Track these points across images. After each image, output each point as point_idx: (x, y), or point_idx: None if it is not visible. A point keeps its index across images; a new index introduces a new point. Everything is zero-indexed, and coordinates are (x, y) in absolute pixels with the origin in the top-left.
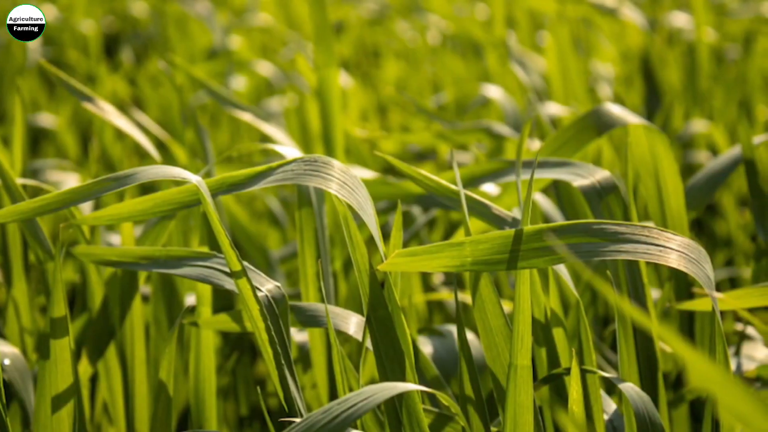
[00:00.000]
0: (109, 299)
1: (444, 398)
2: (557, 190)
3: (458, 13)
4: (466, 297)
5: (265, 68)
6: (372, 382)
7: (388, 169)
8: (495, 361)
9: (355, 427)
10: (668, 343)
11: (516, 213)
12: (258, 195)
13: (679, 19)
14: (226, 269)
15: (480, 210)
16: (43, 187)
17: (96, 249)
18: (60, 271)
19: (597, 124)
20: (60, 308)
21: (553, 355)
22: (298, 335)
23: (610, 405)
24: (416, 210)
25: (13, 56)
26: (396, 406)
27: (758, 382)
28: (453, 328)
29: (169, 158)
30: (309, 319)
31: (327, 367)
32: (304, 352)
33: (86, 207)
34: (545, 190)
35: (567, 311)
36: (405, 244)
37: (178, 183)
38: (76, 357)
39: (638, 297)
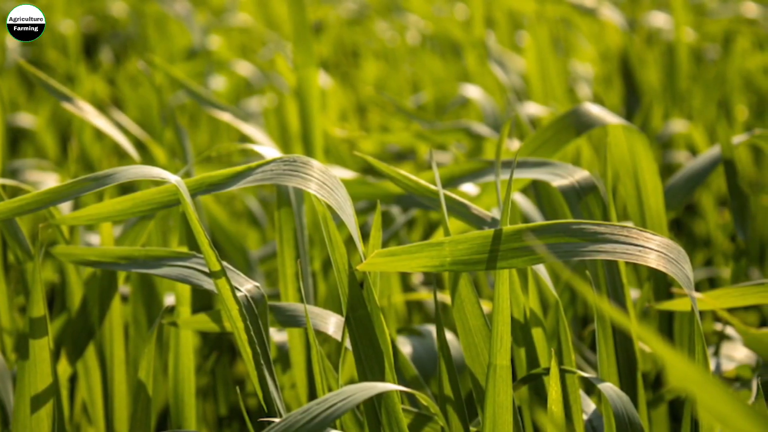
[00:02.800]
0: (88, 299)
1: (423, 398)
2: (536, 190)
3: (437, 13)
4: (445, 297)
5: (244, 68)
6: (351, 382)
7: (368, 169)
8: (474, 361)
9: (334, 427)
10: (647, 343)
11: (495, 213)
12: (237, 195)
13: (658, 19)
14: (206, 269)
15: (459, 210)
16: (22, 187)
17: (75, 249)
18: (39, 271)
19: (576, 124)
20: (39, 308)
21: (533, 355)
22: (277, 335)
23: (590, 405)
24: (395, 210)
25: None
26: (375, 406)
27: (737, 382)
28: (432, 328)
29: (148, 158)
30: (288, 319)
31: (306, 367)
32: (283, 352)
33: (65, 207)
34: (524, 190)
35: (546, 311)
36: (384, 244)
37: (158, 183)
38: (55, 357)
39: (617, 297)
